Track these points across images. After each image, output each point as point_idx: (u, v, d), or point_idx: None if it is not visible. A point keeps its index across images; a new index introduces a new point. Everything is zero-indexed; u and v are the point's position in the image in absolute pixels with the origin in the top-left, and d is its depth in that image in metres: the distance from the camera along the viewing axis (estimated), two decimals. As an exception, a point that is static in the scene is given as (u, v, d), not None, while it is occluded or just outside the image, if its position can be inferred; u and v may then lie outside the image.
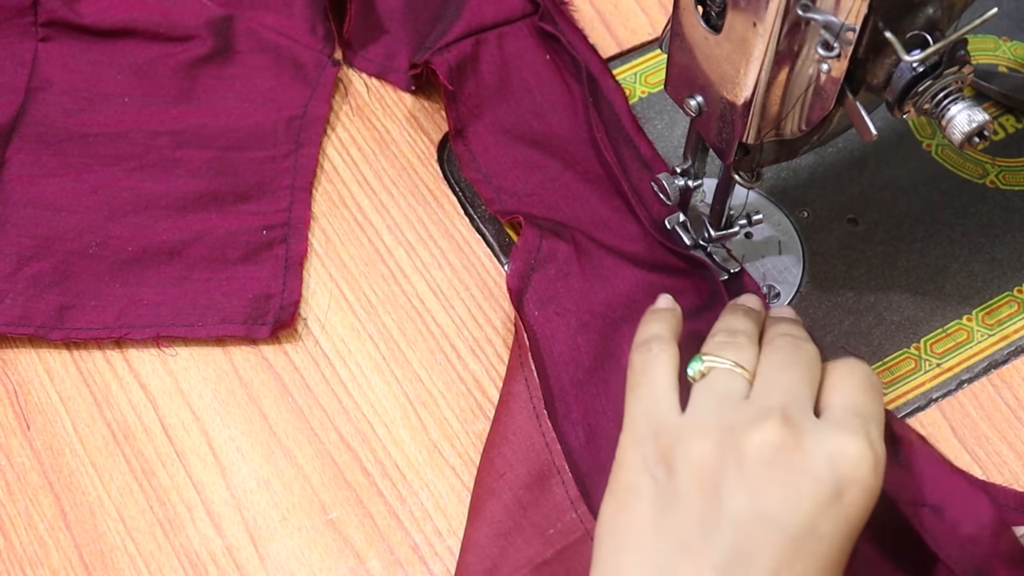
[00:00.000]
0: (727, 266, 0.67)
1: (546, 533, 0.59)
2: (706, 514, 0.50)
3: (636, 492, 0.52)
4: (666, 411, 0.54)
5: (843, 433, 0.51)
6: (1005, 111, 0.73)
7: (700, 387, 0.55)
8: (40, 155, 0.69)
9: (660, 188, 0.65)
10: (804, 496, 0.50)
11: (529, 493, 0.60)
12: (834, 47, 0.51)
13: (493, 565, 0.58)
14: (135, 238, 0.67)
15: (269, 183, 0.70)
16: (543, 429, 0.61)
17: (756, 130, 0.56)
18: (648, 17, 0.76)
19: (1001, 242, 0.69)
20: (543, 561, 0.58)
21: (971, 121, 0.53)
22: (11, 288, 0.65)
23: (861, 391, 0.54)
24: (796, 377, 0.54)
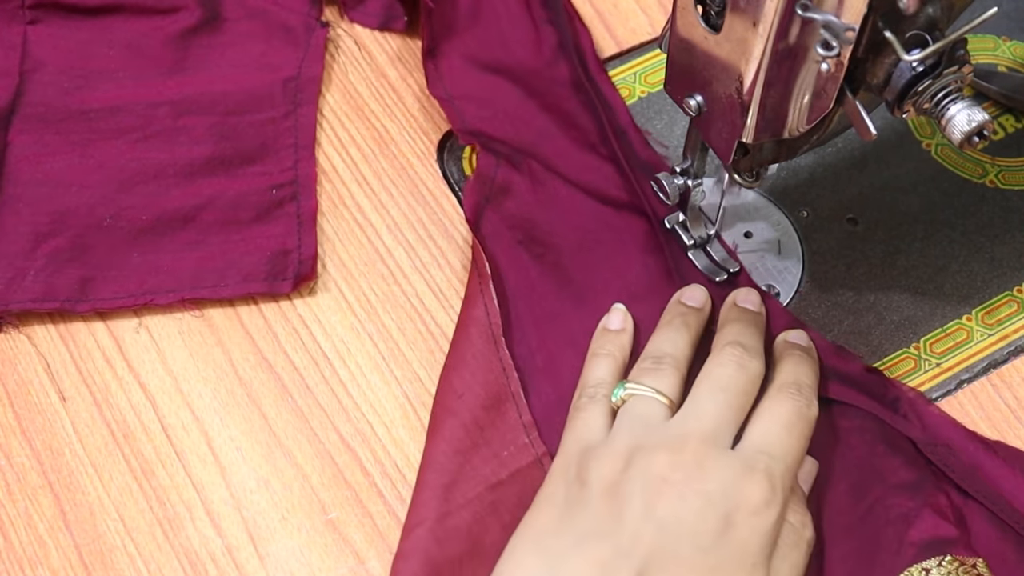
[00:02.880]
0: (727, 265, 0.67)
1: (500, 455, 0.61)
2: (605, 518, 0.54)
3: (550, 500, 0.56)
4: (593, 437, 0.58)
5: (743, 469, 0.54)
6: (1005, 111, 0.73)
7: (621, 413, 0.59)
8: (43, 135, 0.70)
9: (660, 188, 0.65)
10: (694, 512, 0.53)
11: (486, 415, 0.62)
12: (834, 47, 0.51)
13: (451, 481, 0.60)
14: (147, 207, 0.68)
15: (272, 144, 0.71)
16: (500, 355, 0.63)
17: (755, 130, 0.56)
18: (648, 17, 0.76)
19: (1001, 242, 0.69)
20: (498, 481, 0.60)
21: (971, 121, 0.53)
22: (31, 265, 0.66)
23: (779, 428, 0.57)
24: (723, 405, 0.57)
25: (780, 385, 0.59)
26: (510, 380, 0.63)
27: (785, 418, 0.57)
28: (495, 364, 0.63)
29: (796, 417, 0.57)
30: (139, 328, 0.66)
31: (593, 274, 0.67)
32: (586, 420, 0.59)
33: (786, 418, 0.57)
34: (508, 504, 0.60)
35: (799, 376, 0.59)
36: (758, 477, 0.54)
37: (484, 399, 0.62)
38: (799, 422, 0.57)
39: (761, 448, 0.56)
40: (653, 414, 0.57)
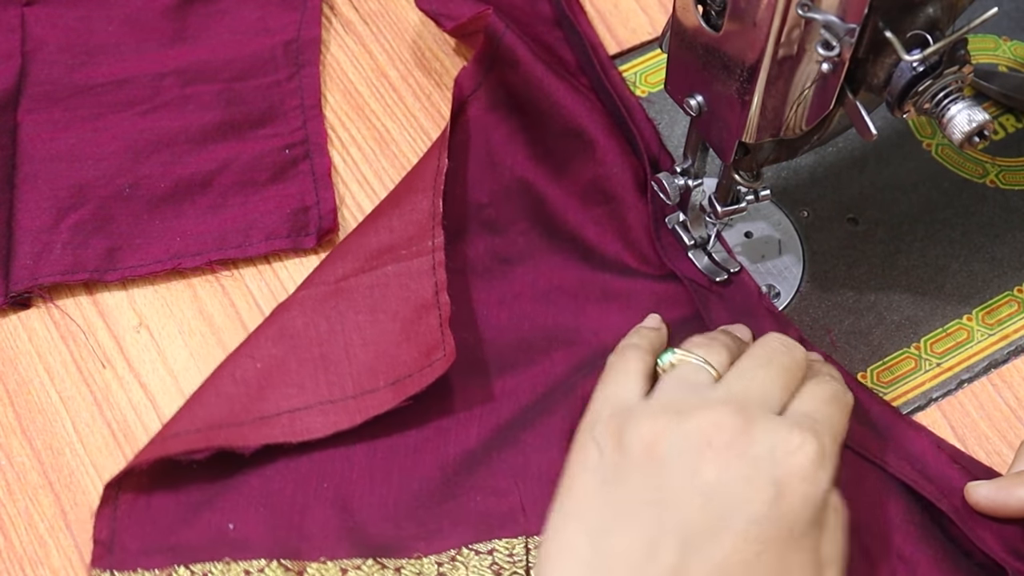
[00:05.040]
0: (727, 265, 0.67)
1: (399, 252, 0.64)
2: (647, 486, 0.51)
3: (585, 466, 0.53)
4: (627, 396, 0.55)
5: (791, 428, 0.51)
6: (1005, 111, 0.73)
7: (667, 376, 0.56)
8: (51, 112, 0.71)
9: (660, 187, 0.65)
10: (741, 478, 0.50)
11: (401, 221, 0.65)
12: (834, 47, 0.51)
13: (342, 259, 0.64)
14: (165, 175, 0.69)
15: (279, 106, 0.72)
16: (434, 210, 0.64)
17: (756, 130, 0.56)
18: (648, 17, 0.76)
19: (1001, 242, 0.69)
20: (384, 273, 0.63)
21: (971, 121, 0.53)
22: (56, 239, 0.67)
23: (824, 402, 0.54)
24: (769, 377, 0.54)
25: (815, 373, 0.57)
26: (435, 250, 0.63)
27: (827, 394, 0.54)
28: (427, 220, 0.64)
29: (837, 396, 0.55)
30: (139, 328, 0.66)
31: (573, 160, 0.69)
32: (620, 378, 0.56)
33: (828, 394, 0.54)
34: (381, 290, 0.62)
35: (830, 369, 0.58)
36: (808, 438, 0.51)
37: (409, 215, 0.65)
38: (841, 399, 0.55)
39: (807, 413, 0.53)
40: (700, 381, 0.54)
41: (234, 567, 0.57)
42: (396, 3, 0.77)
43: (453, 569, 0.58)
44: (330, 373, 0.61)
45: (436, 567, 0.58)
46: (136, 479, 0.59)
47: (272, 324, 0.63)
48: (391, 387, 0.60)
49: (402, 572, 0.57)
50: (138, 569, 0.57)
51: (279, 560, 0.57)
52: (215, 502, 0.59)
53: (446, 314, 0.62)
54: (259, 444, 0.59)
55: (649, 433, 0.52)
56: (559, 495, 0.53)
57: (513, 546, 0.58)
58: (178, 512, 0.59)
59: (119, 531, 0.58)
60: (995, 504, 0.58)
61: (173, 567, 0.57)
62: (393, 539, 0.58)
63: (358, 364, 0.61)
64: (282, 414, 0.60)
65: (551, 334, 0.65)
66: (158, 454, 0.58)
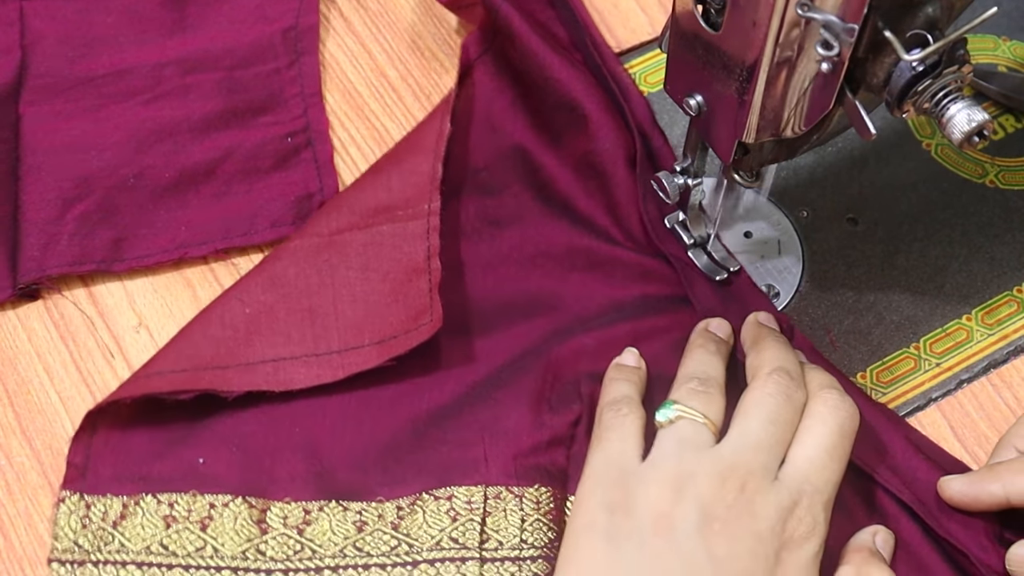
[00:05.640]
0: (727, 265, 0.67)
1: (395, 213, 0.65)
2: (659, 553, 0.53)
3: (592, 530, 0.54)
4: (628, 459, 0.56)
5: (790, 504, 0.54)
6: (1004, 111, 0.73)
7: (666, 434, 0.57)
8: (53, 104, 0.71)
9: (660, 187, 0.65)
10: (747, 552, 0.53)
11: (400, 179, 0.66)
12: (833, 46, 0.51)
13: (336, 214, 0.65)
14: (168, 164, 0.69)
15: (280, 94, 0.73)
16: (434, 174, 0.65)
17: (755, 129, 0.56)
18: (648, 17, 0.76)
19: (1001, 242, 0.69)
20: (379, 231, 0.65)
21: (970, 120, 0.53)
22: (62, 230, 0.67)
23: (823, 454, 0.56)
24: (773, 437, 0.56)
25: (820, 389, 0.58)
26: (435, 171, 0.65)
27: (829, 441, 0.56)
28: (425, 185, 0.65)
29: (840, 437, 0.56)
30: (139, 328, 0.66)
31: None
32: (617, 439, 0.57)
33: (829, 441, 0.56)
34: (375, 249, 0.64)
35: (831, 379, 0.59)
36: (801, 513, 0.54)
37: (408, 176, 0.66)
38: (843, 440, 0.56)
39: (806, 478, 0.55)
40: (702, 440, 0.56)
41: (200, 499, 0.59)
42: (396, 3, 0.77)
43: (412, 513, 0.59)
44: (316, 326, 0.63)
45: (396, 510, 0.59)
46: (115, 411, 0.61)
47: (264, 271, 0.64)
48: (376, 346, 0.61)
49: (363, 515, 0.59)
50: (108, 494, 0.59)
51: (244, 497, 0.59)
52: (189, 438, 0.61)
53: (436, 280, 0.63)
54: (242, 390, 0.61)
55: (659, 502, 0.54)
56: (563, 557, 0.55)
57: (472, 494, 0.59)
58: (152, 445, 0.61)
59: (93, 457, 0.60)
60: (967, 499, 0.59)
61: (142, 495, 0.59)
62: (358, 484, 0.60)
63: (345, 320, 0.63)
64: (267, 362, 0.61)
65: (534, 300, 0.66)
66: (143, 391, 0.60)
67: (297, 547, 0.58)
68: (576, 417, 0.62)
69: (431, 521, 0.59)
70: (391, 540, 0.58)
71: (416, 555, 0.58)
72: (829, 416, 0.56)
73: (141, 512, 0.58)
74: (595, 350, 0.64)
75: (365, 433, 0.61)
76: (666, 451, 0.56)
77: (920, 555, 0.59)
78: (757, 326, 0.62)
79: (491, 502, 0.59)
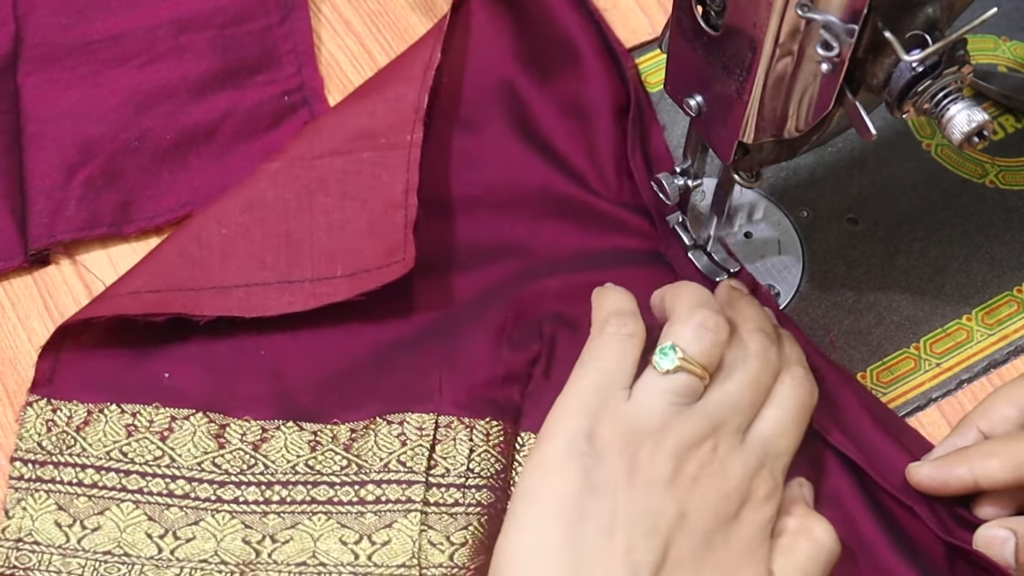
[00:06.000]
0: (727, 265, 0.67)
1: (378, 141, 0.66)
2: (627, 502, 0.53)
3: (567, 463, 0.54)
4: (617, 392, 0.56)
5: (756, 465, 0.56)
6: (1004, 111, 0.73)
7: (660, 381, 0.56)
8: (50, 73, 0.72)
9: (660, 188, 0.65)
10: (712, 508, 0.54)
11: (386, 107, 0.67)
12: (833, 47, 0.51)
13: (319, 138, 0.66)
14: (168, 127, 0.70)
15: (273, 51, 0.73)
16: (419, 105, 0.66)
17: (755, 130, 0.56)
18: (648, 17, 0.76)
19: (1001, 242, 0.69)
20: (359, 158, 0.65)
21: (970, 121, 0.53)
22: (69, 196, 0.67)
23: (789, 421, 0.58)
24: (749, 400, 0.57)
25: (789, 364, 0.59)
26: (421, 100, 0.66)
27: (793, 408, 0.58)
28: (410, 113, 0.66)
29: (801, 407, 0.58)
30: (139, 328, 0.66)
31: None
32: (614, 363, 0.57)
33: (793, 408, 0.58)
34: (354, 177, 0.65)
35: (801, 356, 0.60)
36: (765, 475, 0.56)
37: (392, 103, 0.67)
38: (804, 412, 0.59)
39: (770, 441, 0.57)
40: (692, 394, 0.56)
41: (162, 412, 0.61)
42: (395, 3, 0.77)
43: (364, 436, 0.61)
44: (291, 252, 0.64)
45: (349, 433, 0.61)
46: (85, 324, 0.62)
47: (243, 192, 0.65)
48: (347, 278, 0.63)
49: (318, 436, 0.61)
50: (74, 400, 0.61)
51: (205, 412, 0.61)
52: (157, 353, 0.63)
53: (411, 217, 0.64)
54: (214, 315, 0.62)
55: (636, 449, 0.54)
56: (530, 487, 0.55)
57: (424, 421, 0.61)
58: (120, 357, 0.62)
59: (61, 366, 0.62)
60: (936, 483, 0.59)
61: (107, 404, 0.61)
62: (316, 407, 0.62)
63: (320, 248, 0.64)
64: (239, 287, 0.63)
65: (506, 243, 0.67)
66: (116, 311, 0.61)
67: (252, 462, 0.60)
68: (534, 356, 0.63)
69: (381, 444, 0.60)
70: (342, 460, 0.60)
71: (364, 476, 0.60)
72: (796, 388, 0.58)
73: (104, 419, 0.61)
74: (560, 292, 0.65)
75: (328, 360, 0.63)
76: (654, 399, 0.55)
77: (850, 510, 0.60)
78: (731, 289, 0.63)
79: (441, 430, 0.60)
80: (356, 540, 0.58)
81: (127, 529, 0.58)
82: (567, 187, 0.68)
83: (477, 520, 0.58)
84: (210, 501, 0.59)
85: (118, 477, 0.59)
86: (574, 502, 0.53)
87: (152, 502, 0.59)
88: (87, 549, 0.58)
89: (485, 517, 0.58)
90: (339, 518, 0.59)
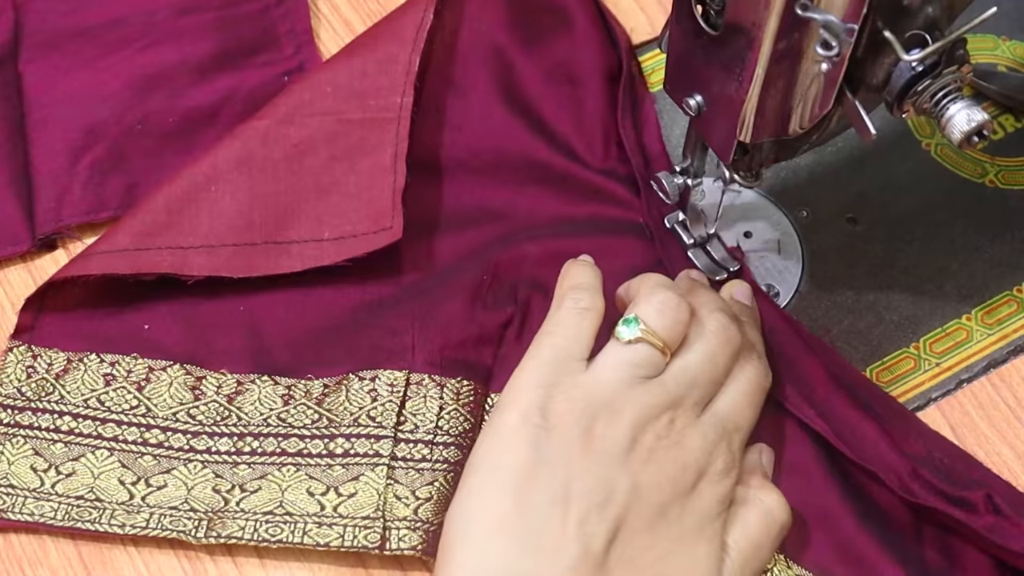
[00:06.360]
0: (727, 264, 0.67)
1: (367, 102, 0.66)
2: (580, 473, 0.53)
3: (520, 434, 0.54)
4: (575, 362, 0.56)
5: (714, 439, 0.56)
6: (1004, 110, 0.73)
7: (621, 351, 0.56)
8: (51, 59, 0.72)
9: (660, 187, 0.65)
10: (669, 481, 0.54)
11: (377, 66, 0.67)
12: (833, 47, 0.51)
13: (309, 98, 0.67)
14: (171, 109, 0.71)
15: (271, 31, 0.74)
16: (410, 67, 0.67)
17: (755, 130, 0.56)
18: (647, 17, 0.76)
19: (1001, 242, 0.69)
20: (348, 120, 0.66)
21: (970, 120, 0.53)
22: (75, 180, 0.68)
23: (744, 400, 0.58)
24: (709, 376, 0.57)
25: (750, 352, 0.60)
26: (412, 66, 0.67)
27: (749, 388, 0.59)
28: (400, 78, 0.66)
29: (758, 388, 0.59)
30: (139, 328, 0.66)
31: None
32: (571, 337, 0.57)
33: (750, 388, 0.59)
34: (343, 139, 0.65)
35: (758, 340, 0.61)
36: (723, 448, 0.56)
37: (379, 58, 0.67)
38: (759, 393, 0.59)
39: (729, 417, 0.57)
40: (652, 367, 0.56)
41: (140, 362, 0.63)
42: (395, 3, 0.77)
43: (336, 391, 0.62)
44: (279, 213, 0.65)
45: (322, 388, 0.62)
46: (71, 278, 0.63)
47: (232, 146, 0.66)
48: (334, 242, 0.64)
49: (292, 390, 0.62)
50: (55, 348, 0.63)
51: (183, 364, 0.63)
52: (138, 305, 0.64)
53: (400, 184, 0.64)
54: (203, 275, 0.63)
55: (591, 419, 0.54)
56: (484, 450, 0.55)
57: (395, 378, 0.62)
58: (102, 308, 0.64)
59: (44, 314, 0.64)
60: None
61: (87, 353, 0.63)
62: (292, 363, 0.63)
63: (308, 209, 0.65)
64: (227, 246, 0.63)
65: (487, 207, 0.68)
66: (105, 269, 0.62)
67: (225, 414, 0.61)
68: (508, 319, 0.64)
69: (352, 399, 0.61)
70: (313, 414, 0.61)
71: (334, 429, 0.61)
72: (750, 371, 0.59)
73: (84, 368, 0.62)
74: (538, 258, 0.66)
75: (307, 318, 0.64)
76: (614, 370, 0.56)
77: (811, 478, 0.61)
78: (691, 279, 0.64)
79: (412, 387, 0.61)
80: (323, 492, 0.59)
81: (101, 475, 0.60)
82: (550, 155, 0.69)
83: (443, 477, 0.59)
84: (183, 451, 0.61)
85: (94, 425, 0.61)
86: (525, 473, 0.53)
87: (127, 450, 0.60)
88: (60, 493, 0.59)
89: (451, 474, 0.59)
90: (308, 470, 0.60)
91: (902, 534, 0.59)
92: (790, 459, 0.61)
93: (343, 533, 0.58)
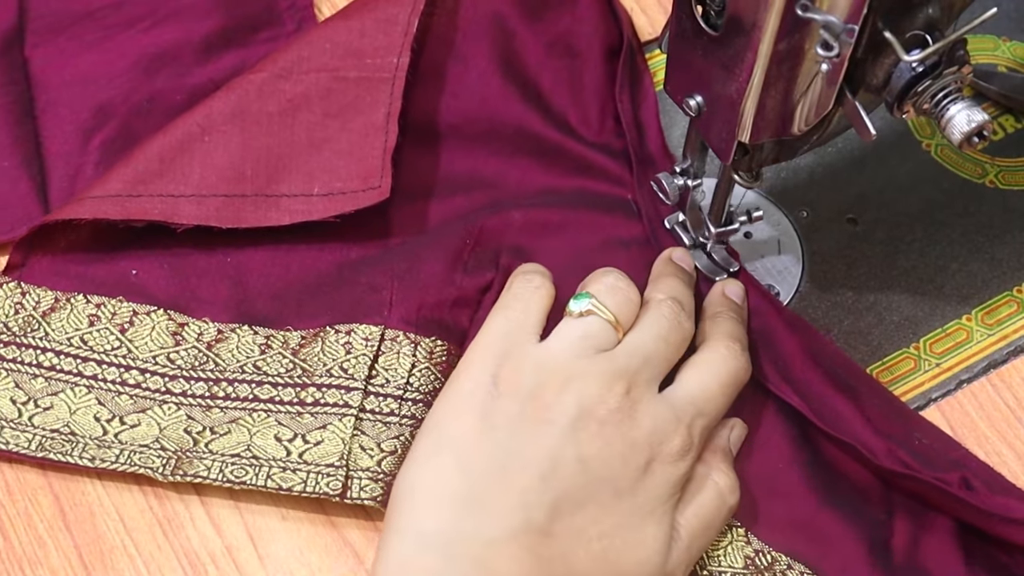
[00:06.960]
0: (727, 265, 0.67)
1: (364, 61, 0.67)
2: (527, 443, 0.54)
3: (469, 401, 0.55)
4: (527, 335, 0.57)
5: (669, 417, 0.56)
6: (1004, 111, 0.73)
7: (572, 324, 0.57)
8: (57, 43, 0.73)
9: (659, 187, 0.65)
10: (618, 456, 0.54)
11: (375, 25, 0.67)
12: (833, 47, 0.51)
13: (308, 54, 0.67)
14: (178, 88, 0.71)
15: (273, 7, 0.74)
16: (408, 29, 0.67)
17: (755, 130, 0.56)
18: (648, 17, 0.76)
19: (1001, 242, 0.69)
20: (344, 77, 0.67)
21: (970, 121, 0.53)
22: (87, 160, 0.69)
23: (716, 385, 0.58)
24: (660, 353, 0.57)
25: (726, 337, 0.60)
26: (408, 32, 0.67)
27: (723, 376, 0.58)
28: (403, 16, 0.67)
29: (732, 378, 0.59)
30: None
31: None
32: (521, 311, 0.58)
33: (724, 376, 0.58)
34: (338, 96, 0.66)
35: (742, 335, 0.61)
36: (682, 430, 0.56)
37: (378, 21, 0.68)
38: (733, 384, 0.59)
39: (693, 400, 0.57)
40: (603, 340, 0.57)
41: (125, 305, 0.64)
42: (396, 3, 0.77)
43: (312, 342, 0.63)
44: (271, 166, 0.65)
45: (299, 339, 0.63)
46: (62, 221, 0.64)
47: (228, 98, 0.66)
48: (323, 198, 0.64)
49: (270, 340, 0.63)
50: (43, 286, 0.64)
51: (167, 310, 0.64)
52: (127, 251, 0.65)
53: (391, 143, 0.65)
54: (192, 224, 0.64)
55: (540, 388, 0.55)
56: (434, 419, 0.56)
57: (371, 333, 0.63)
58: (91, 252, 0.65)
59: (35, 252, 0.65)
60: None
61: (74, 293, 0.64)
62: (273, 314, 0.64)
63: (299, 164, 0.65)
64: (217, 196, 0.64)
65: (478, 175, 0.68)
66: (96, 214, 0.63)
67: (203, 359, 0.63)
68: (487, 284, 0.65)
69: (327, 351, 0.62)
70: (288, 363, 0.62)
71: (307, 379, 0.62)
72: (728, 359, 0.59)
73: (70, 308, 0.64)
74: (523, 226, 0.66)
75: (292, 272, 0.65)
76: (565, 342, 0.57)
77: (779, 456, 0.61)
78: (666, 263, 0.64)
79: (387, 343, 0.62)
80: (290, 438, 0.60)
81: (77, 411, 0.61)
82: (544, 127, 0.69)
83: (409, 432, 0.60)
84: (160, 392, 0.62)
85: (76, 363, 0.62)
86: (471, 440, 0.54)
87: (105, 388, 0.62)
88: (36, 425, 0.61)
89: (417, 430, 0.59)
90: (278, 416, 0.61)
91: (870, 512, 0.60)
92: (762, 436, 0.62)
93: (306, 479, 0.59)
